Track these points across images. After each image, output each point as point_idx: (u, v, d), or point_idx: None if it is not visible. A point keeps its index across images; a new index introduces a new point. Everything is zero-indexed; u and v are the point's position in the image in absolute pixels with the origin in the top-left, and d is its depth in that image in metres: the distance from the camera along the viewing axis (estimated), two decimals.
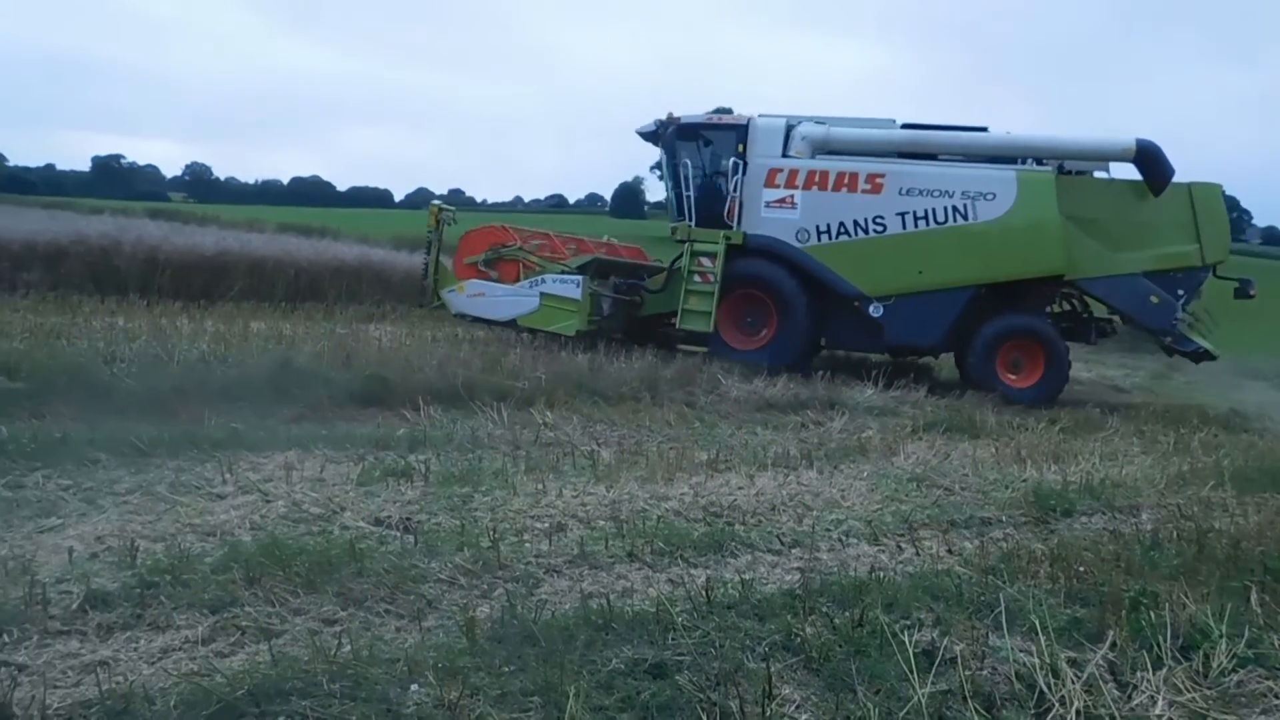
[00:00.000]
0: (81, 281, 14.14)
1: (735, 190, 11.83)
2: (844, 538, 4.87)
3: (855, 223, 11.42)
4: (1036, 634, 3.35)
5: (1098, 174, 11.50)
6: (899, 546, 4.76)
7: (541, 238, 13.17)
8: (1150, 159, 10.91)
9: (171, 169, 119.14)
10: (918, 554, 4.64)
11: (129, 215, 24.78)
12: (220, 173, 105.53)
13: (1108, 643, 3.38)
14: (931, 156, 11.67)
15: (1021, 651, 3.35)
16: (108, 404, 6.31)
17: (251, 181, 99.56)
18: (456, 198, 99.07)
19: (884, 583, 4.05)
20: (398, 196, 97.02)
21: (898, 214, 11.31)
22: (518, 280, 11.88)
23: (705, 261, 11.82)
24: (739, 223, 11.81)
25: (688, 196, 12.21)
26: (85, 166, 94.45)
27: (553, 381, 8.51)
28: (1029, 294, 11.50)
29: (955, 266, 11.22)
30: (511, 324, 11.68)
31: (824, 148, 11.74)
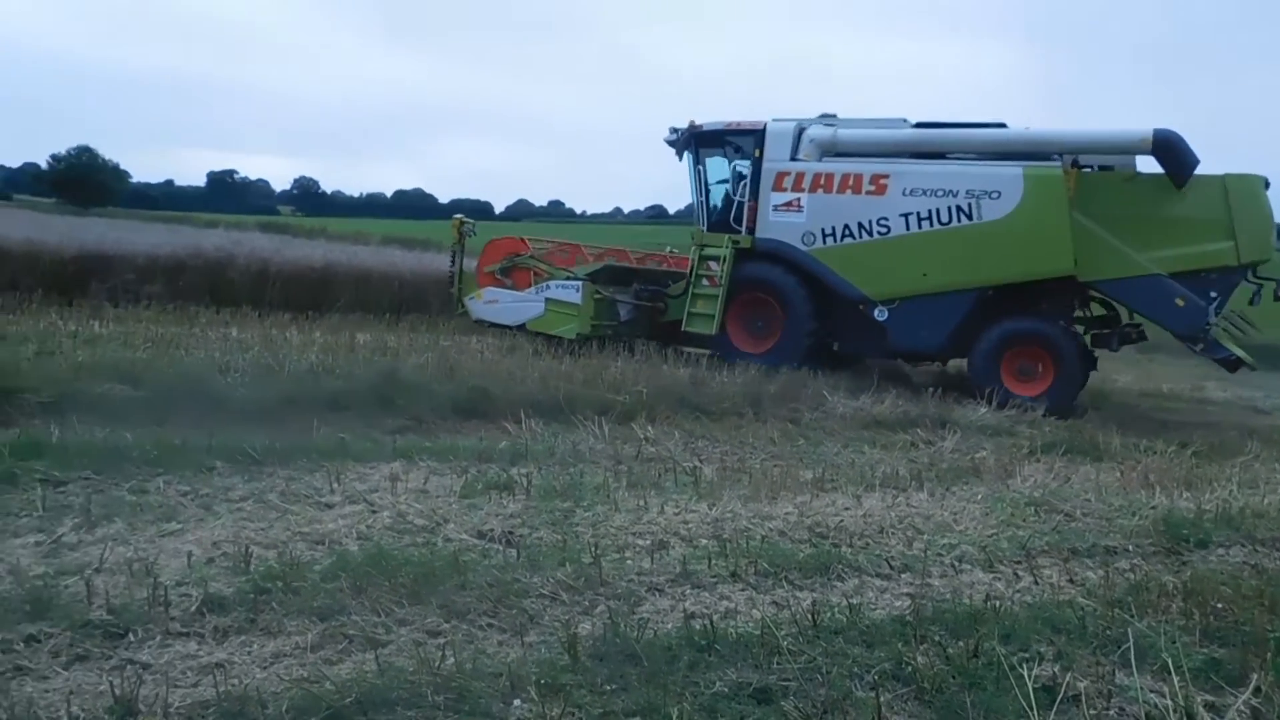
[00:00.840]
0: (198, 293, 14.89)
1: (746, 195, 11.98)
2: (957, 563, 4.75)
3: (860, 225, 11.35)
4: (1169, 674, 3.20)
5: (1134, 168, 10.93)
6: (1016, 574, 4.62)
7: (565, 248, 13.78)
8: (1170, 149, 10.26)
9: (281, 183, 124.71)
10: (1036, 583, 4.50)
11: (242, 229, 26.08)
12: (327, 186, 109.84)
13: (1250, 687, 3.20)
14: (941, 155, 11.44)
15: (1152, 692, 3.20)
16: (223, 412, 6.62)
17: (357, 194, 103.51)
18: (555, 209, 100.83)
19: (1000, 612, 3.93)
20: (498, 209, 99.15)
21: (901, 215, 11.15)
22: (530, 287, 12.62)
23: (713, 265, 12.04)
24: (754, 227, 11.94)
25: (701, 201, 12.53)
26: (201, 182, 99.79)
27: (654, 396, 8.56)
28: (1045, 297, 11.03)
29: (959, 268, 10.96)
30: (522, 329, 12.29)
31: (831, 149, 11.71)
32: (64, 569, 3.85)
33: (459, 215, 13.84)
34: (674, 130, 12.66)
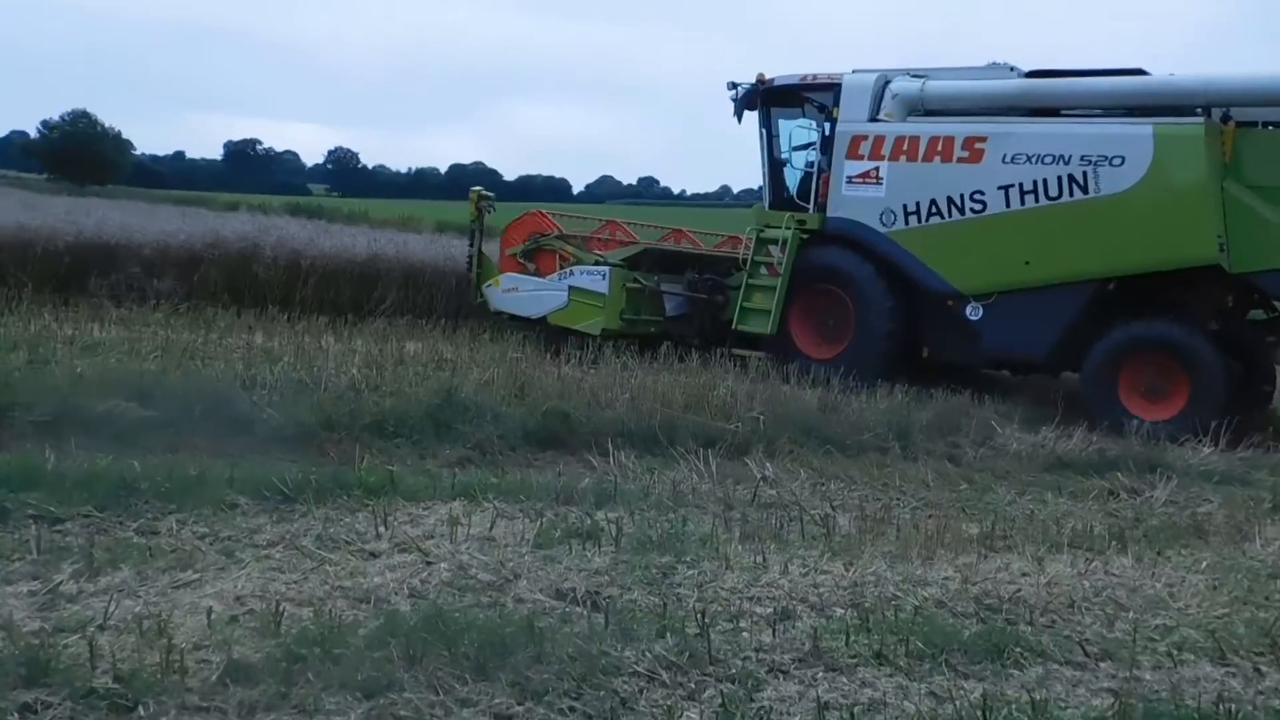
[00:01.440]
0: (216, 291, 15.40)
1: (817, 164, 12.13)
2: (1175, 651, 4.61)
3: (949, 200, 11.29)
4: None
5: None
6: (1258, 669, 4.45)
7: (606, 228, 14.15)
8: None
9: (312, 156, 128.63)
10: None
11: (267, 212, 26.89)
12: (367, 160, 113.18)
13: None
14: (1055, 112, 11.29)
15: None
16: (247, 437, 6.86)
17: (403, 170, 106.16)
18: (647, 189, 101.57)
19: (1238, 718, 3.80)
20: (577, 188, 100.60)
21: (1000, 188, 11.04)
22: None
23: (773, 250, 12.06)
24: (825, 203, 12.02)
25: (766, 173, 12.81)
26: (217, 154, 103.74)
27: (774, 424, 8.60)
28: (1188, 293, 10.66)
29: (1071, 255, 10.79)
30: (543, 322, 12.73)
31: (919, 107, 11.72)
32: (63, 625, 4.02)
33: (477, 188, 14.33)
34: (733, 85, 12.80)
